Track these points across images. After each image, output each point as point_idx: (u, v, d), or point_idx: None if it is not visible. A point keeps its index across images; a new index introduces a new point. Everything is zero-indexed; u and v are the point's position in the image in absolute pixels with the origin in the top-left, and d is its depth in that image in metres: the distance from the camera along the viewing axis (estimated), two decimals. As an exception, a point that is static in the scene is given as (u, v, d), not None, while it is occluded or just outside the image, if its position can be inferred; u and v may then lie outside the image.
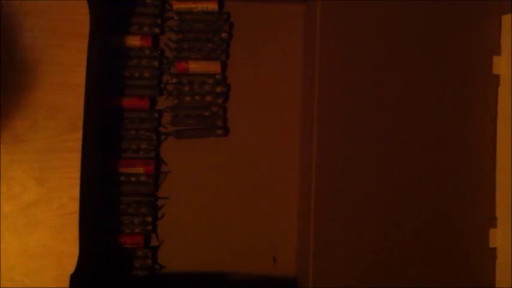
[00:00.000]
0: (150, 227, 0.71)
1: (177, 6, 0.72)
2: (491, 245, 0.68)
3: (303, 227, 0.69)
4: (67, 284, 0.67)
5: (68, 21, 0.68)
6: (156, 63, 0.72)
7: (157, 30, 0.72)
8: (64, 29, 0.68)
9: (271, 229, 0.73)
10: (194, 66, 0.71)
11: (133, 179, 0.70)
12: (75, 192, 0.68)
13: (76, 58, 0.68)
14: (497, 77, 0.69)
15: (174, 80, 0.72)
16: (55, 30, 0.68)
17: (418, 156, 0.66)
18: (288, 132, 0.73)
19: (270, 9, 0.73)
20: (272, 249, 0.73)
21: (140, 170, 0.70)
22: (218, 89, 0.72)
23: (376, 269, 0.65)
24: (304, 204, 0.68)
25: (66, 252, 0.67)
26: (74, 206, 0.68)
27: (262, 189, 0.73)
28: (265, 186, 0.73)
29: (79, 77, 0.68)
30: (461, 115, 0.68)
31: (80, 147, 0.66)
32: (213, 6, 0.72)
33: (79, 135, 0.68)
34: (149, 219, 0.71)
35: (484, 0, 0.68)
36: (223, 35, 0.72)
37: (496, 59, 0.69)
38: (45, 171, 0.67)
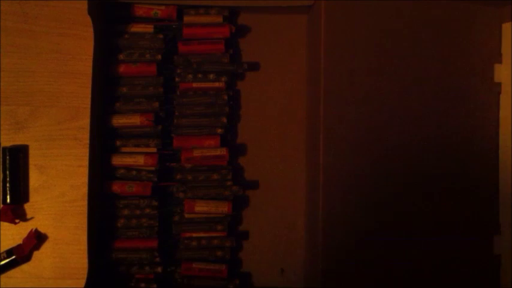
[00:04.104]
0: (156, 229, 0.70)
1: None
2: (496, 251, 0.68)
3: (311, 237, 0.68)
4: (66, 270, 0.67)
5: (71, 9, 0.68)
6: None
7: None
8: (67, 17, 0.68)
9: (279, 240, 0.72)
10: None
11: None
12: (76, 180, 0.68)
13: (78, 46, 0.68)
14: (499, 84, 0.69)
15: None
16: (58, 18, 0.68)
17: (422, 163, 0.66)
18: (294, 141, 0.73)
19: (272, 20, 0.73)
20: (280, 260, 0.72)
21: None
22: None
23: (384, 278, 0.64)
24: (312, 213, 0.68)
25: (66, 239, 0.68)
26: (74, 194, 0.68)
27: (269, 199, 0.72)
28: (272, 196, 0.72)
29: (81, 65, 0.68)
30: (464, 122, 0.68)
31: (80, 136, 0.66)
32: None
33: (79, 123, 0.68)
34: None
35: (484, 9, 0.69)
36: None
37: (497, 67, 0.69)
38: (45, 158, 0.68)
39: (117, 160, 0.67)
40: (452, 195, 0.67)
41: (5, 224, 0.66)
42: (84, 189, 0.62)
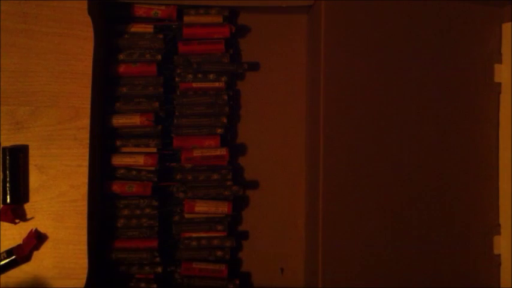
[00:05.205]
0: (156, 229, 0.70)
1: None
2: (496, 251, 0.68)
3: (311, 236, 0.68)
4: (66, 270, 0.67)
5: (71, 9, 0.68)
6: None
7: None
8: (67, 17, 0.68)
9: (279, 240, 0.72)
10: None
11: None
12: (76, 180, 0.68)
13: (78, 46, 0.68)
14: (499, 84, 0.69)
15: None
16: (58, 18, 0.68)
17: (422, 164, 0.66)
18: (294, 141, 0.72)
19: (272, 20, 0.73)
20: (280, 260, 0.72)
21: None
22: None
23: (384, 278, 0.64)
24: (312, 213, 0.67)
25: (66, 239, 0.67)
26: (74, 194, 0.68)
27: (269, 199, 0.72)
28: (272, 196, 0.72)
29: (81, 65, 0.68)
30: (464, 122, 0.68)
31: (80, 136, 0.66)
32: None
33: (79, 123, 0.68)
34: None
35: (484, 9, 0.69)
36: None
37: (497, 67, 0.69)
38: (45, 158, 0.68)
39: (117, 160, 0.67)
40: (452, 195, 0.67)
41: (5, 224, 0.66)
42: (84, 189, 0.62)
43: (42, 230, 0.67)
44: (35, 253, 0.67)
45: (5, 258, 0.65)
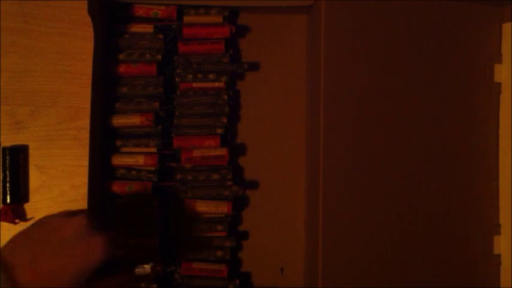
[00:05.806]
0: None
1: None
2: (496, 251, 0.68)
3: (311, 237, 0.68)
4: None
5: (71, 9, 0.68)
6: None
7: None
8: (67, 17, 0.68)
9: (279, 240, 0.72)
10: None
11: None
12: (76, 180, 0.68)
13: (78, 46, 0.68)
14: (499, 84, 0.69)
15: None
16: (58, 18, 0.68)
17: (423, 164, 0.66)
18: (294, 141, 0.72)
19: (272, 20, 0.73)
20: (280, 260, 0.72)
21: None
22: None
23: (384, 278, 0.64)
24: (312, 214, 0.68)
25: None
26: (74, 194, 0.68)
27: (269, 199, 0.72)
28: (272, 196, 0.72)
29: (81, 65, 0.68)
30: (464, 122, 0.68)
31: (80, 136, 0.66)
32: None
33: (79, 123, 0.68)
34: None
35: (484, 9, 0.69)
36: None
37: (497, 67, 0.69)
38: (45, 158, 0.68)
39: (117, 160, 0.67)
40: (452, 195, 0.67)
41: (5, 224, 0.66)
42: (84, 189, 0.62)
43: (42, 229, 0.67)
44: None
45: (5, 258, 0.65)
